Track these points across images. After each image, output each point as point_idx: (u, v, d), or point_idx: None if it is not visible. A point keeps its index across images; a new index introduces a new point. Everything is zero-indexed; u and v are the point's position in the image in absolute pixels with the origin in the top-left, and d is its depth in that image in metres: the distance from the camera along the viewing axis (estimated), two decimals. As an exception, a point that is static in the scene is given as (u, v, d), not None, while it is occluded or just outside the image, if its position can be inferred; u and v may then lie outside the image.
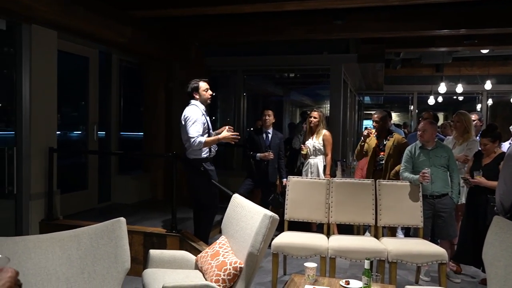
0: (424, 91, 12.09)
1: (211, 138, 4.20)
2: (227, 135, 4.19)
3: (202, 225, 4.41)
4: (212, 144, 4.25)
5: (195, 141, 4.06)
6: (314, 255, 3.81)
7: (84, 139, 6.03)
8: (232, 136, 4.19)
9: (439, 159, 4.25)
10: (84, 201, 5.79)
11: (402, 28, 5.79)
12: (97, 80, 6.08)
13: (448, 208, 4.23)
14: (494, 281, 2.54)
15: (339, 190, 4.29)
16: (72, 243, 2.34)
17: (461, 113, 4.86)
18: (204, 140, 4.11)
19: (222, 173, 5.74)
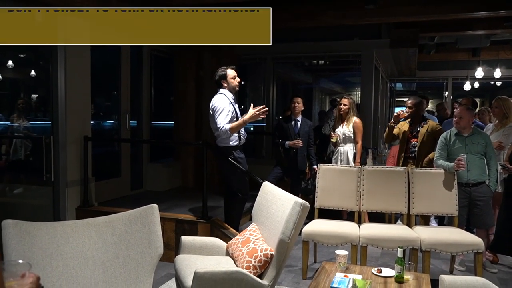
0: (459, 77, 11.70)
1: (237, 123, 4.14)
2: (253, 113, 4.06)
3: (233, 213, 4.45)
4: (238, 128, 4.18)
5: (222, 130, 4.08)
6: (345, 243, 3.78)
7: (117, 128, 6.16)
8: (258, 112, 4.04)
9: (475, 146, 4.11)
10: (118, 189, 5.93)
11: (436, 11, 5.58)
12: (128, 70, 6.17)
13: (485, 197, 4.09)
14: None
15: (370, 178, 4.22)
16: (107, 229, 2.40)
17: (500, 98, 4.66)
18: (230, 126, 4.09)
19: (251, 161, 5.75)
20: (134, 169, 6.34)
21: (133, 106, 6.33)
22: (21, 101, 5.07)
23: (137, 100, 6.50)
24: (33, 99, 5.35)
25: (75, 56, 4.69)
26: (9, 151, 4.96)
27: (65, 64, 4.56)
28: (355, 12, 5.81)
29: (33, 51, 5.18)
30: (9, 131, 4.98)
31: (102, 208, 4.93)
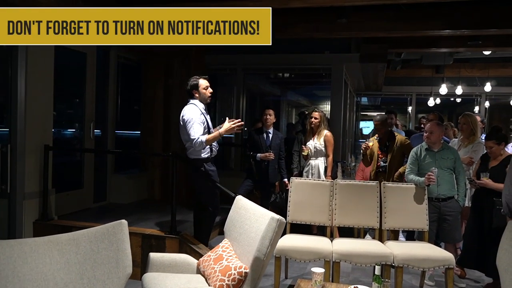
0: (423, 93, 12.05)
1: (213, 135, 4.05)
2: (228, 126, 4.01)
3: (203, 227, 4.30)
4: (214, 140, 4.10)
5: (197, 142, 3.93)
6: (318, 259, 3.70)
7: (80, 136, 5.88)
8: (234, 125, 4.00)
9: (445, 161, 4.16)
10: (80, 201, 5.64)
11: (406, 28, 5.70)
12: (94, 76, 5.93)
13: (454, 212, 4.15)
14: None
15: (343, 192, 4.19)
16: (70, 247, 2.22)
17: (467, 114, 4.78)
18: (206, 138, 3.98)
19: (219, 173, 5.62)
20: (97, 180, 6.05)
21: (97, 114, 6.08)
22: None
23: (102, 108, 6.24)
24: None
25: (37, 59, 4.44)
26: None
27: (26, 67, 4.30)
28: (327, 26, 5.85)
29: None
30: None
31: (62, 221, 4.66)
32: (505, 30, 5.75)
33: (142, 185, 6.70)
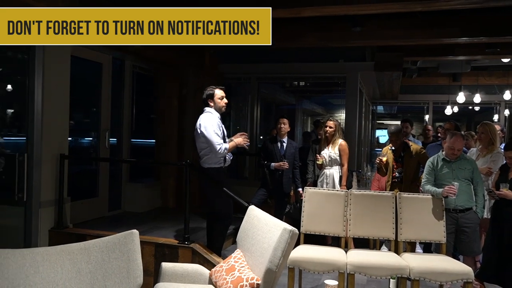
0: (440, 101, 11.88)
1: (231, 144, 4.17)
2: (239, 140, 4.17)
3: (216, 236, 4.28)
4: (232, 149, 4.20)
5: (221, 148, 3.99)
6: (332, 271, 3.64)
7: (96, 145, 5.95)
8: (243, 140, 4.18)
9: (463, 171, 4.07)
10: (95, 209, 5.69)
11: (421, 36, 5.64)
12: (109, 86, 6.01)
13: (472, 223, 4.04)
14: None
15: (357, 203, 4.12)
16: (82, 256, 2.22)
17: (486, 123, 4.67)
18: (228, 146, 4.08)
19: (234, 182, 5.63)
20: (112, 189, 6.10)
21: (113, 123, 6.14)
22: (-6, 117, 4.85)
23: (118, 117, 6.31)
24: (8, 114, 5.11)
25: (53, 70, 4.51)
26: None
27: (43, 78, 4.37)
28: (341, 34, 5.82)
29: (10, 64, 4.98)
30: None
31: (77, 229, 4.69)
32: (524, 38, 5.65)
33: (156, 193, 6.73)
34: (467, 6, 4.38)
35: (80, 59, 5.47)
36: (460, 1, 4.06)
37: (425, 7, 4.41)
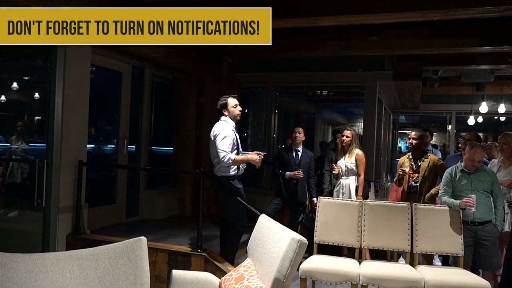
0: (463, 111, 11.64)
1: (241, 157, 4.13)
2: (255, 157, 4.10)
3: (228, 245, 4.28)
4: (241, 162, 4.17)
5: (225, 157, 3.97)
6: (344, 282, 3.59)
7: (115, 153, 6.06)
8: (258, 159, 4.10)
9: (482, 183, 3.96)
10: (112, 216, 5.78)
11: (441, 45, 5.56)
12: (129, 94, 6.13)
13: (492, 236, 3.92)
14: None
15: (372, 213, 4.07)
16: (90, 262, 2.25)
17: (508, 134, 4.54)
18: (234, 157, 4.03)
19: (250, 191, 5.62)
20: (130, 196, 6.19)
21: (132, 131, 6.25)
22: (21, 123, 5.01)
23: (137, 125, 6.42)
24: (35, 121, 5.27)
25: (73, 78, 4.62)
26: (5, 174, 4.85)
27: (63, 85, 4.49)
28: (359, 43, 5.80)
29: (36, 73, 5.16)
30: (7, 153, 4.88)
31: (94, 236, 4.76)
32: (549, 46, 5.50)
33: (173, 201, 6.78)
34: (485, 15, 4.30)
35: (100, 68, 5.60)
36: (478, 10, 3.99)
37: (443, 15, 4.35)
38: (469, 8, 3.99)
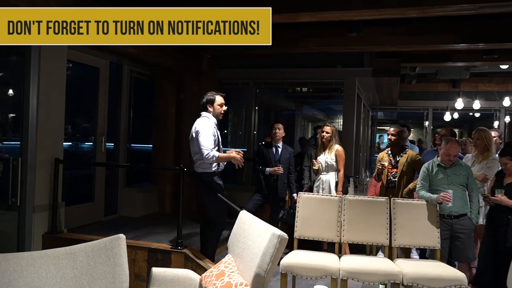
0: (439, 107, 11.86)
1: (224, 155, 4.12)
2: (236, 157, 4.06)
3: (209, 242, 4.26)
4: (223, 160, 4.16)
5: (209, 154, 3.94)
6: (324, 276, 3.62)
7: (93, 150, 5.95)
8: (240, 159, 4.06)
9: (458, 177, 4.05)
10: (90, 214, 5.68)
11: (418, 42, 5.65)
12: (107, 91, 6.02)
13: (467, 229, 4.01)
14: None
15: (351, 208, 4.11)
16: (67, 261, 2.20)
17: (481, 129, 4.65)
18: (218, 155, 4.02)
19: (231, 187, 5.60)
20: (108, 194, 6.10)
21: (110, 128, 6.15)
22: (-8, 121, 4.87)
23: (115, 121, 6.32)
24: (9, 118, 5.13)
25: (49, 74, 4.51)
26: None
27: (38, 82, 4.37)
28: (339, 39, 5.83)
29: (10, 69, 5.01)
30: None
31: (71, 234, 4.67)
32: (523, 44, 5.65)
33: (153, 198, 6.71)
34: (462, 13, 4.38)
35: (77, 63, 5.49)
36: (455, 8, 4.06)
37: (420, 13, 4.41)
38: (446, 6, 4.05)
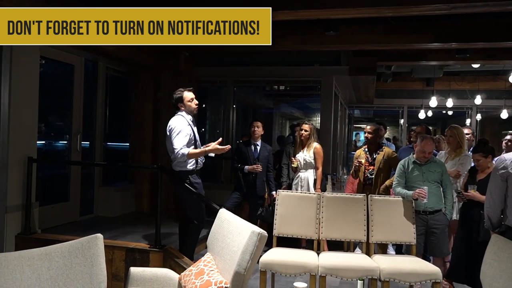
0: (414, 105, 12.09)
1: (197, 150, 4.04)
2: (215, 148, 3.98)
3: (188, 240, 4.23)
4: (198, 156, 4.09)
5: (179, 152, 3.90)
6: (303, 273, 3.64)
7: (68, 149, 5.82)
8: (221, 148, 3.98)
9: (432, 174, 4.14)
10: (65, 214, 5.56)
11: (394, 41, 5.74)
12: (82, 88, 5.90)
13: (442, 225, 4.11)
14: (494, 304, 2.40)
15: (330, 205, 4.15)
16: (42, 262, 2.15)
17: (454, 127, 4.77)
18: (188, 151, 3.94)
19: (209, 186, 5.57)
20: (84, 193, 5.98)
21: (86, 126, 6.03)
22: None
23: (90, 119, 6.20)
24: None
25: (21, 70, 4.40)
26: None
27: (10, 80, 4.26)
28: (316, 38, 5.87)
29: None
30: None
31: (46, 235, 4.57)
32: (493, 44, 5.81)
33: (130, 197, 6.63)
34: (436, 13, 4.47)
35: (51, 60, 5.36)
36: (429, 7, 4.14)
37: (396, 12, 4.48)
38: (420, 6, 4.13)
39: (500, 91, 10.70)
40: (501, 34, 5.46)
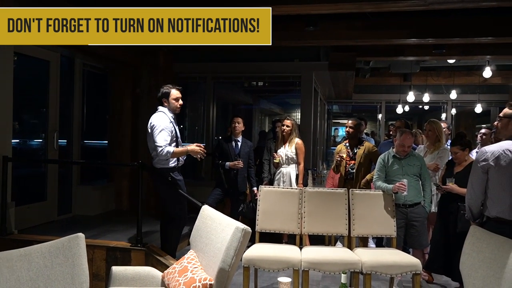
0: (392, 100, 12.26)
1: (180, 149, 4.00)
2: (196, 149, 3.98)
3: (170, 238, 4.20)
4: (180, 155, 4.06)
5: (163, 151, 3.85)
6: (287, 268, 3.66)
7: (44, 147, 5.69)
8: (199, 150, 3.98)
9: (411, 168, 4.21)
10: (43, 214, 5.44)
11: (373, 37, 5.80)
12: (58, 85, 5.76)
13: (421, 217, 4.19)
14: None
15: (311, 200, 4.17)
16: (22, 263, 2.09)
17: (432, 121, 4.85)
18: (173, 150, 3.91)
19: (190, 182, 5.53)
20: (61, 192, 5.86)
21: (62, 124, 5.90)
22: None
23: (67, 117, 6.07)
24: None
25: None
26: None
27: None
28: (296, 33, 5.88)
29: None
30: None
31: (23, 236, 4.46)
32: (469, 39, 5.93)
33: (109, 196, 6.53)
34: (414, 8, 4.54)
35: (25, 56, 5.22)
36: (407, 3, 4.20)
37: (375, 8, 4.53)
38: (399, 1, 4.19)
39: (474, 86, 10.95)
40: (476, 30, 5.58)
